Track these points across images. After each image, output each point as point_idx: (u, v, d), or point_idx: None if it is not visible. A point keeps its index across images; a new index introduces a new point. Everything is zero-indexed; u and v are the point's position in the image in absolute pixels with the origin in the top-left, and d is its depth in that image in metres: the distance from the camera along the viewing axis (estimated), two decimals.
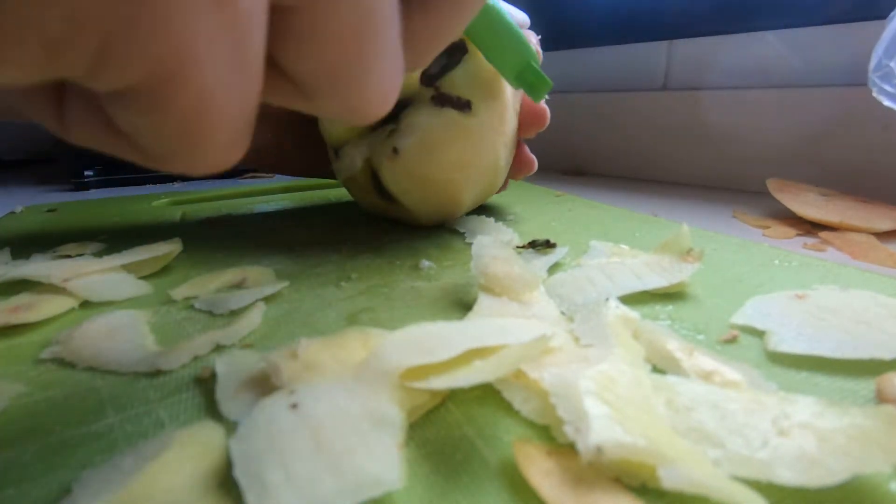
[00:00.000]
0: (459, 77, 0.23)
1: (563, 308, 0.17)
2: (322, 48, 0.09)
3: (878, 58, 0.27)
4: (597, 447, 0.09)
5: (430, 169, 0.24)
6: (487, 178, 0.26)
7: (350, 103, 0.10)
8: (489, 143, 0.24)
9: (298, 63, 0.09)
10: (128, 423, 0.12)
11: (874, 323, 0.14)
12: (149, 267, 0.22)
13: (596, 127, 0.50)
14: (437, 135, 0.23)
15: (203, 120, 0.08)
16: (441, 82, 0.24)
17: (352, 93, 0.10)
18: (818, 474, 0.09)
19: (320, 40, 0.09)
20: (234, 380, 0.13)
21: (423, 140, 0.23)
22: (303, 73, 0.10)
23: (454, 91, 0.23)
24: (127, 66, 0.07)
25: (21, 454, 0.11)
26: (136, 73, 0.07)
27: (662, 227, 0.27)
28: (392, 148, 0.24)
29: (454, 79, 0.23)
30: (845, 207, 0.29)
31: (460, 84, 0.23)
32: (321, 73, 0.10)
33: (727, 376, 0.12)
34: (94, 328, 0.16)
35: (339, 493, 0.09)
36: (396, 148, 0.24)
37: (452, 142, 0.24)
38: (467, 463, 0.11)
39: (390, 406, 0.11)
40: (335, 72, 0.10)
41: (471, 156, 0.24)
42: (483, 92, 0.24)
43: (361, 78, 0.10)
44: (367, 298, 0.19)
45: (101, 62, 0.07)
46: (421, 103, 0.24)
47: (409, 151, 0.24)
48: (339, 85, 0.10)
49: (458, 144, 0.24)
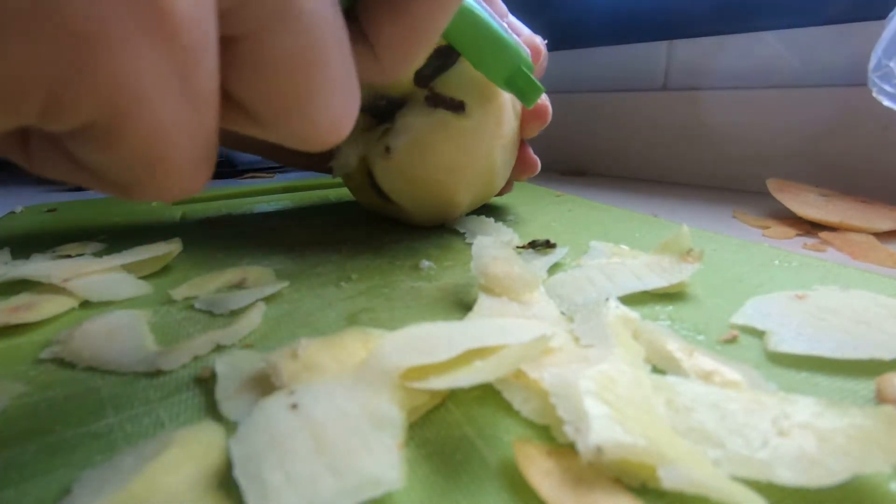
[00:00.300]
0: (453, 78, 0.23)
1: (564, 308, 0.17)
2: (268, 77, 0.09)
3: (877, 58, 0.27)
4: (597, 447, 0.09)
5: (422, 170, 0.24)
6: (483, 180, 0.26)
7: (300, 131, 0.10)
8: (484, 145, 0.24)
9: (246, 92, 0.10)
10: (128, 423, 0.12)
11: (874, 323, 0.14)
12: (149, 267, 0.22)
13: (596, 127, 0.49)
14: (429, 135, 0.23)
15: (160, 152, 0.08)
16: (435, 83, 0.23)
17: (302, 121, 0.10)
18: (818, 474, 0.09)
19: (266, 70, 0.09)
20: (234, 380, 0.13)
21: (416, 140, 0.23)
22: (251, 102, 0.10)
23: (448, 92, 0.23)
24: (76, 109, 0.07)
25: (21, 454, 0.11)
26: (87, 115, 0.07)
27: (662, 227, 0.27)
28: (385, 147, 0.24)
29: (448, 80, 0.23)
30: (845, 207, 0.29)
31: (454, 85, 0.23)
32: (269, 101, 0.10)
33: (727, 376, 0.12)
34: (94, 328, 0.16)
35: (339, 493, 0.09)
36: (389, 147, 0.24)
37: (445, 143, 0.23)
38: (467, 463, 0.11)
39: (390, 406, 0.11)
40: (283, 100, 0.10)
41: (464, 157, 0.24)
42: (478, 94, 0.23)
43: (310, 106, 0.10)
44: (367, 299, 0.19)
45: (51, 109, 0.07)
46: (415, 103, 0.24)
47: (400, 151, 0.24)
48: (288, 113, 0.10)
49: (451, 146, 0.23)
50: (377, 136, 0.25)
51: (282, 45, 0.09)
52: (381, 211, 0.29)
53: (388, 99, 0.25)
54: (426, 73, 0.23)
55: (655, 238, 0.25)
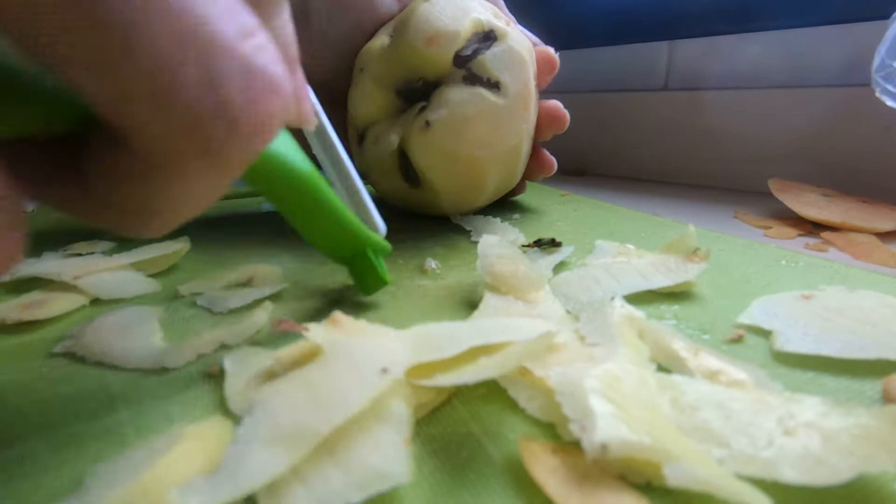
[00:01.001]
0: (490, 60, 0.25)
1: (569, 307, 0.17)
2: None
3: (880, 58, 0.27)
4: (602, 445, 0.09)
5: (459, 144, 0.25)
6: (509, 165, 0.27)
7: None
8: (515, 124, 0.26)
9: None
10: (138, 418, 0.12)
11: (880, 323, 0.14)
12: (157, 265, 0.22)
13: (597, 127, 0.49)
14: (467, 110, 0.24)
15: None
16: (472, 63, 0.25)
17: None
18: (823, 473, 0.09)
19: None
20: (242, 376, 0.13)
21: (455, 113, 0.24)
22: None
23: (484, 73, 0.25)
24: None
25: (34, 447, 0.11)
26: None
27: (668, 227, 0.27)
28: (424, 121, 0.25)
29: (485, 61, 0.25)
30: (847, 208, 0.29)
31: (490, 67, 0.25)
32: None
33: (733, 376, 0.12)
34: (106, 324, 0.17)
35: (346, 488, 0.09)
36: (428, 121, 0.25)
37: (482, 118, 0.25)
38: (473, 460, 0.11)
39: (397, 403, 0.11)
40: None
41: (497, 134, 0.25)
42: (512, 76, 0.25)
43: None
44: (372, 297, 0.19)
45: None
46: (453, 82, 0.25)
47: (440, 124, 0.24)
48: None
49: (487, 121, 0.25)
50: (413, 114, 0.26)
51: None
52: (404, 201, 0.29)
53: (424, 80, 0.26)
54: (465, 54, 0.25)
55: (661, 237, 0.25)
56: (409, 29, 0.25)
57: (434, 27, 0.24)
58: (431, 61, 0.25)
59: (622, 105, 0.47)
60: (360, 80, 0.27)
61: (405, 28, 0.25)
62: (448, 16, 0.25)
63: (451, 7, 0.25)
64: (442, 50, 0.24)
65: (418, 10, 0.25)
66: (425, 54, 0.24)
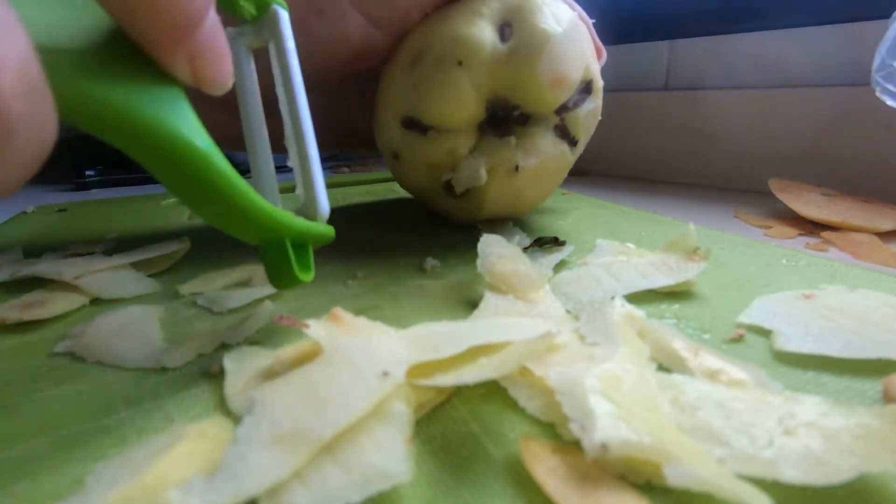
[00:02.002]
0: (581, 117, 0.24)
1: (569, 306, 0.17)
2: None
3: (881, 57, 0.27)
4: (602, 444, 0.09)
5: (533, 191, 0.25)
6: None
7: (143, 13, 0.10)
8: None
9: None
10: (138, 417, 0.12)
11: (881, 323, 0.14)
12: (157, 265, 0.23)
13: (597, 126, 0.49)
14: (552, 164, 0.24)
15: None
16: (568, 116, 0.24)
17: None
18: (824, 473, 0.09)
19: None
20: (242, 376, 0.13)
21: (543, 166, 0.24)
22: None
23: (573, 129, 0.25)
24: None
25: (35, 447, 0.11)
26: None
27: (669, 226, 0.27)
28: (515, 165, 0.24)
29: (577, 117, 0.24)
30: (847, 207, 0.29)
31: (579, 124, 0.25)
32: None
33: (733, 375, 0.12)
34: (105, 324, 0.17)
35: (346, 487, 0.09)
36: (518, 166, 0.24)
37: (559, 174, 0.26)
38: (473, 459, 0.11)
39: (397, 402, 0.11)
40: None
41: (555, 187, 0.26)
42: (586, 134, 0.25)
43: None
44: (373, 297, 0.19)
45: None
46: (542, 127, 0.24)
47: (527, 172, 0.24)
48: None
49: (560, 175, 0.26)
50: (504, 148, 0.24)
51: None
52: (422, 195, 0.28)
53: (522, 111, 0.24)
54: (569, 105, 0.24)
55: (662, 237, 0.25)
56: (536, 56, 0.22)
57: (564, 69, 0.22)
58: (544, 100, 0.23)
59: (623, 105, 0.47)
60: (453, 75, 0.22)
61: (530, 51, 0.22)
62: (573, 57, 0.23)
63: (575, 46, 0.23)
64: (561, 95, 0.23)
65: (551, 39, 0.22)
66: (543, 91, 0.22)
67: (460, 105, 0.22)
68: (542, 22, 0.22)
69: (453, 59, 0.22)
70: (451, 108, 0.23)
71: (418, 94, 0.23)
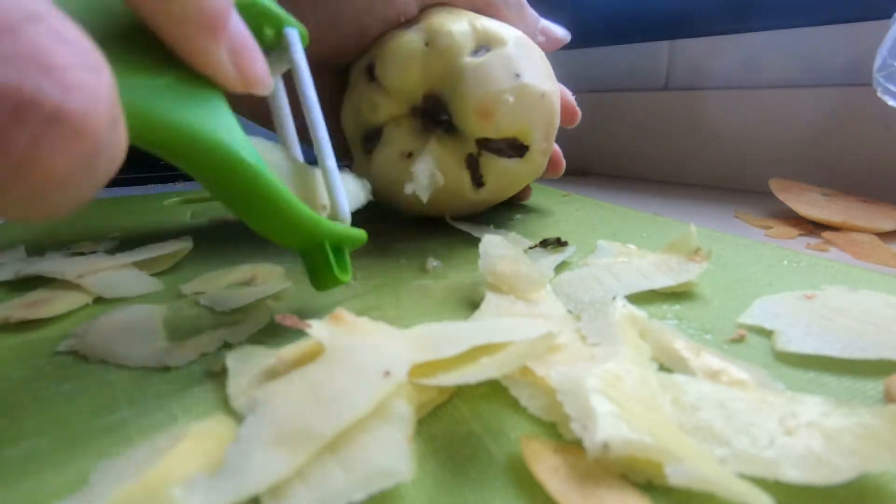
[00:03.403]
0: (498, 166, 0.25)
1: (571, 307, 0.17)
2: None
3: (882, 57, 0.27)
4: (603, 444, 0.09)
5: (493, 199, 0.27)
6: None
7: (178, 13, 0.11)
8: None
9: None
10: (141, 416, 0.12)
11: (883, 323, 0.14)
12: (160, 264, 0.23)
13: (598, 127, 0.49)
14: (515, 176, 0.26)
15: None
16: (485, 154, 0.25)
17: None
18: (825, 473, 0.09)
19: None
20: (245, 375, 0.13)
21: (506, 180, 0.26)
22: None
23: (483, 167, 0.25)
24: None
25: (39, 445, 0.11)
26: None
27: (670, 227, 0.27)
28: (479, 182, 0.26)
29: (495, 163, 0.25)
30: (848, 207, 0.29)
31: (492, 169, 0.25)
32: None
33: (734, 375, 0.12)
34: (108, 323, 0.17)
35: (349, 486, 0.09)
36: (484, 182, 0.25)
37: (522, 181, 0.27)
38: (475, 458, 0.11)
39: (399, 402, 0.11)
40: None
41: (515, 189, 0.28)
42: (499, 187, 0.26)
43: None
44: (375, 297, 0.19)
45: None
46: (461, 149, 0.25)
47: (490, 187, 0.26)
48: None
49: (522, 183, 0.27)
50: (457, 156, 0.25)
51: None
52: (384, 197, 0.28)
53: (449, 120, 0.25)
54: (491, 146, 0.25)
55: (663, 237, 0.25)
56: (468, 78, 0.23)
57: (492, 108, 0.23)
58: (468, 121, 0.24)
59: (623, 105, 0.47)
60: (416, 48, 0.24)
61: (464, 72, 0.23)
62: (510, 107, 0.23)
63: (522, 104, 0.24)
64: (486, 128, 0.24)
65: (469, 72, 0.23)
66: (468, 112, 0.24)
67: (407, 70, 0.24)
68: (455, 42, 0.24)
69: (423, 39, 0.24)
70: (399, 70, 0.24)
71: (380, 48, 0.25)
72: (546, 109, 0.25)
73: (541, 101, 0.25)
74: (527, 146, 0.25)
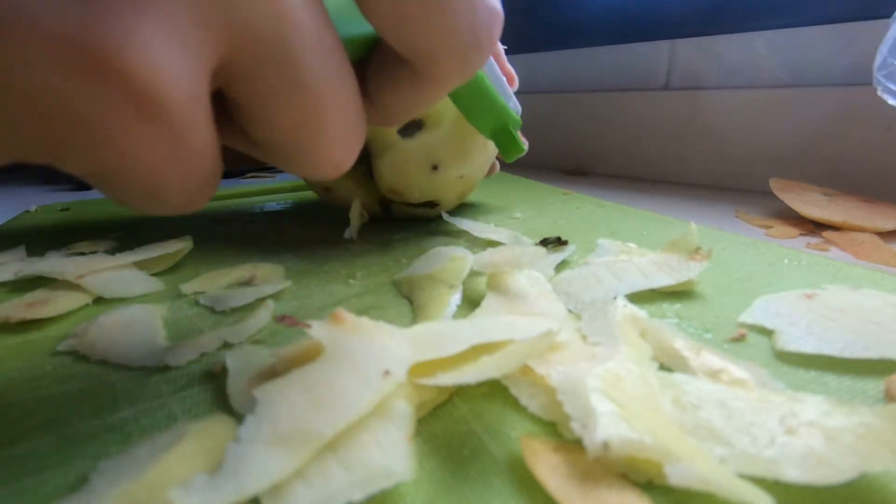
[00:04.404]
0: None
1: (571, 306, 0.17)
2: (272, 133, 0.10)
3: (882, 57, 0.27)
4: (603, 443, 0.09)
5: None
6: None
7: (304, 170, 0.12)
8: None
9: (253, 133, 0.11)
10: (142, 416, 0.12)
11: (884, 323, 0.14)
12: (160, 264, 0.23)
13: (598, 126, 0.49)
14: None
15: (156, 194, 0.09)
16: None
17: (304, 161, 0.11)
18: (825, 472, 0.09)
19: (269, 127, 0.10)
20: (245, 374, 0.13)
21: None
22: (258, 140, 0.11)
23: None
24: (77, 167, 0.09)
25: (39, 445, 0.11)
26: (87, 170, 0.09)
27: (670, 225, 0.27)
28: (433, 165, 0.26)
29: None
30: (849, 207, 0.29)
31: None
32: (273, 145, 0.11)
33: (735, 375, 0.12)
34: (108, 323, 0.17)
35: (348, 485, 0.09)
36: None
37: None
38: (475, 458, 0.11)
39: (399, 401, 0.11)
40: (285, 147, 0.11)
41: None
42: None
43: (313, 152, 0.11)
44: (374, 296, 0.19)
45: (56, 162, 0.09)
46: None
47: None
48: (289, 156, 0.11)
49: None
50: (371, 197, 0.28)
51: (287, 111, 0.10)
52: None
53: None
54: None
55: (663, 236, 0.25)
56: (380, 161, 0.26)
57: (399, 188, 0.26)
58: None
59: (623, 105, 0.47)
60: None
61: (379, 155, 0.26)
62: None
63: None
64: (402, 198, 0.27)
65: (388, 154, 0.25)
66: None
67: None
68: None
69: None
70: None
71: None
72: (462, 185, 0.28)
73: (458, 182, 0.27)
74: (437, 203, 0.28)
